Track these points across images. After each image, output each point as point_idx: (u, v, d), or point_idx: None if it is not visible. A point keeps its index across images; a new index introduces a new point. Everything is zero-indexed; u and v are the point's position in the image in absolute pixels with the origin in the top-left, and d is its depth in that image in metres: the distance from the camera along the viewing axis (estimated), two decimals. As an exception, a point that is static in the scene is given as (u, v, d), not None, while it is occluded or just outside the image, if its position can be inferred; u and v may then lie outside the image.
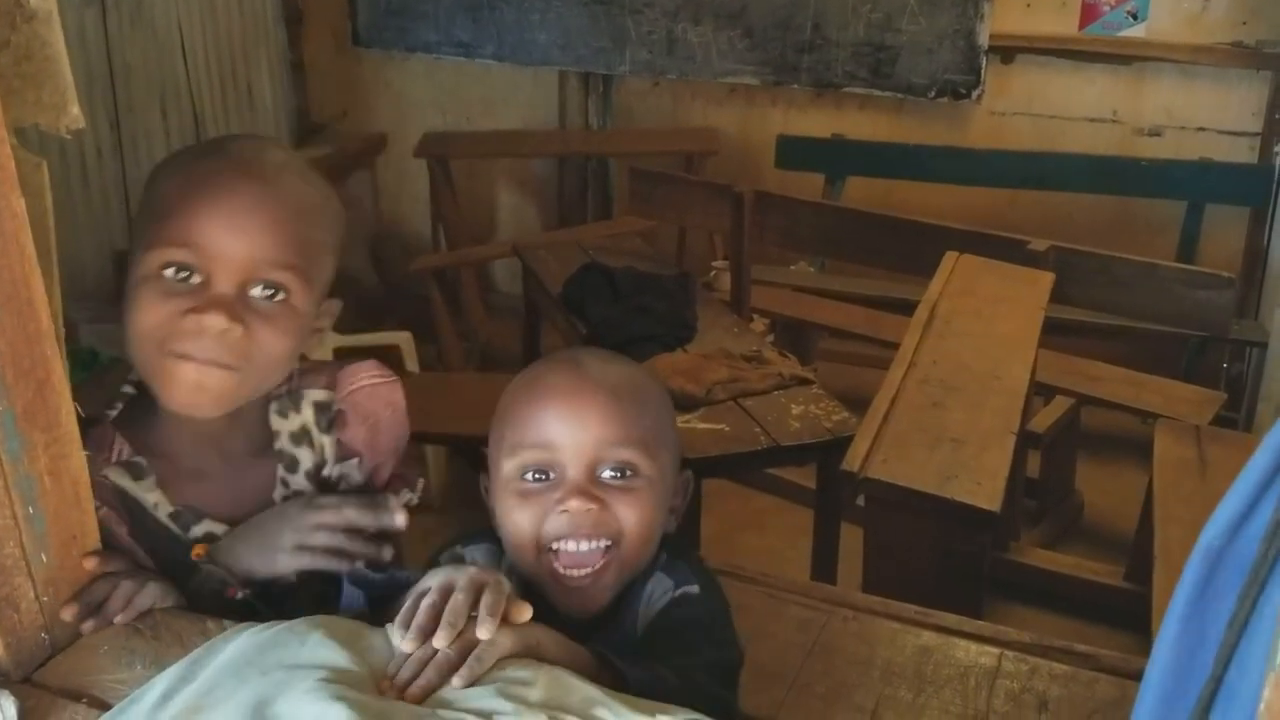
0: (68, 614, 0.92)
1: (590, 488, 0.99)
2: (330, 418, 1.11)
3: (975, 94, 3.86)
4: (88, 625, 0.92)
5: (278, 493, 1.09)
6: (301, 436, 1.10)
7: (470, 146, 4.51)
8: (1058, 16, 3.86)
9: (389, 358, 3.40)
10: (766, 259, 3.76)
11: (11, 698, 0.83)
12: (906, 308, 2.90)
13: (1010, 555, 2.88)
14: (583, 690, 0.79)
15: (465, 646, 0.82)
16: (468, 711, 0.74)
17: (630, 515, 0.99)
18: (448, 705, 0.76)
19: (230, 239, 0.98)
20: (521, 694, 0.77)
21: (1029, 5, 3.88)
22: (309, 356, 1.14)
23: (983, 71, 3.82)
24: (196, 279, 0.98)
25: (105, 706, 0.84)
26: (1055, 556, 2.96)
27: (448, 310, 4.05)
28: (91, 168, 3.58)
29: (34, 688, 0.87)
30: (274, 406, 1.10)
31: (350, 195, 4.62)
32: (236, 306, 0.99)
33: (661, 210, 3.69)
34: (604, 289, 3.01)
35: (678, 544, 1.10)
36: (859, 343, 3.66)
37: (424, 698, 0.78)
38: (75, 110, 0.89)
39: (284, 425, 1.10)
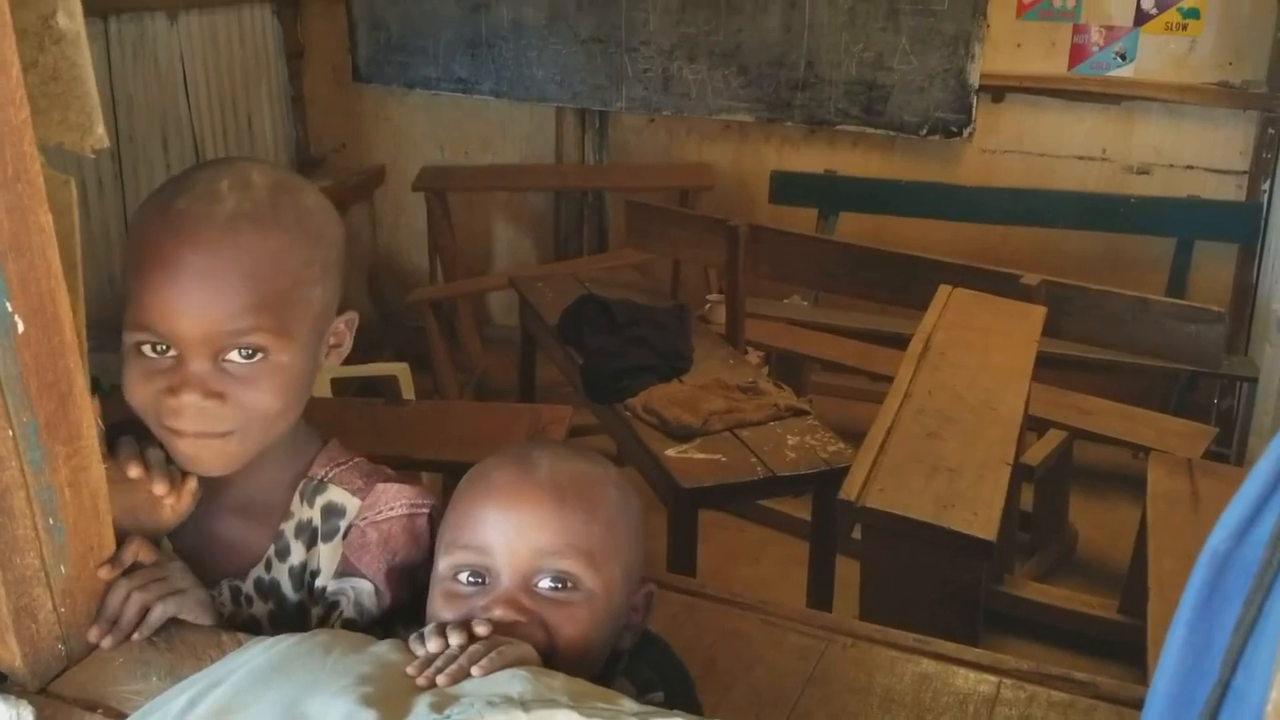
0: (93, 636, 0.92)
1: (520, 598, 0.91)
2: (337, 529, 1.04)
3: (966, 132, 3.92)
4: (106, 641, 0.92)
5: (258, 571, 1.05)
6: (303, 530, 1.05)
7: (468, 180, 4.55)
8: (1047, 57, 3.93)
9: (386, 387, 3.42)
10: (761, 292, 3.79)
11: (30, 707, 0.83)
12: (899, 341, 2.92)
13: (1005, 588, 2.89)
14: (599, 689, 0.80)
15: (490, 644, 0.84)
16: (494, 695, 0.75)
17: (564, 630, 0.91)
18: (472, 694, 0.77)
19: (184, 320, 0.94)
20: (546, 682, 0.78)
21: (1019, 45, 3.94)
22: (330, 367, 1.09)
23: (973, 110, 3.88)
24: (172, 352, 0.95)
25: (121, 717, 0.85)
26: (1049, 589, 2.97)
27: (444, 341, 4.06)
28: (92, 197, 3.61)
29: (50, 698, 0.88)
30: (301, 486, 1.06)
31: (348, 227, 4.63)
32: (211, 380, 0.95)
33: (657, 243, 3.72)
34: (600, 320, 3.03)
35: (645, 640, 1.03)
36: (852, 376, 3.68)
37: (454, 683, 0.79)
38: (100, 130, 0.90)
39: (299, 511, 1.05)
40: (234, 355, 0.96)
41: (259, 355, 0.96)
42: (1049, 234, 3.96)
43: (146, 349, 0.96)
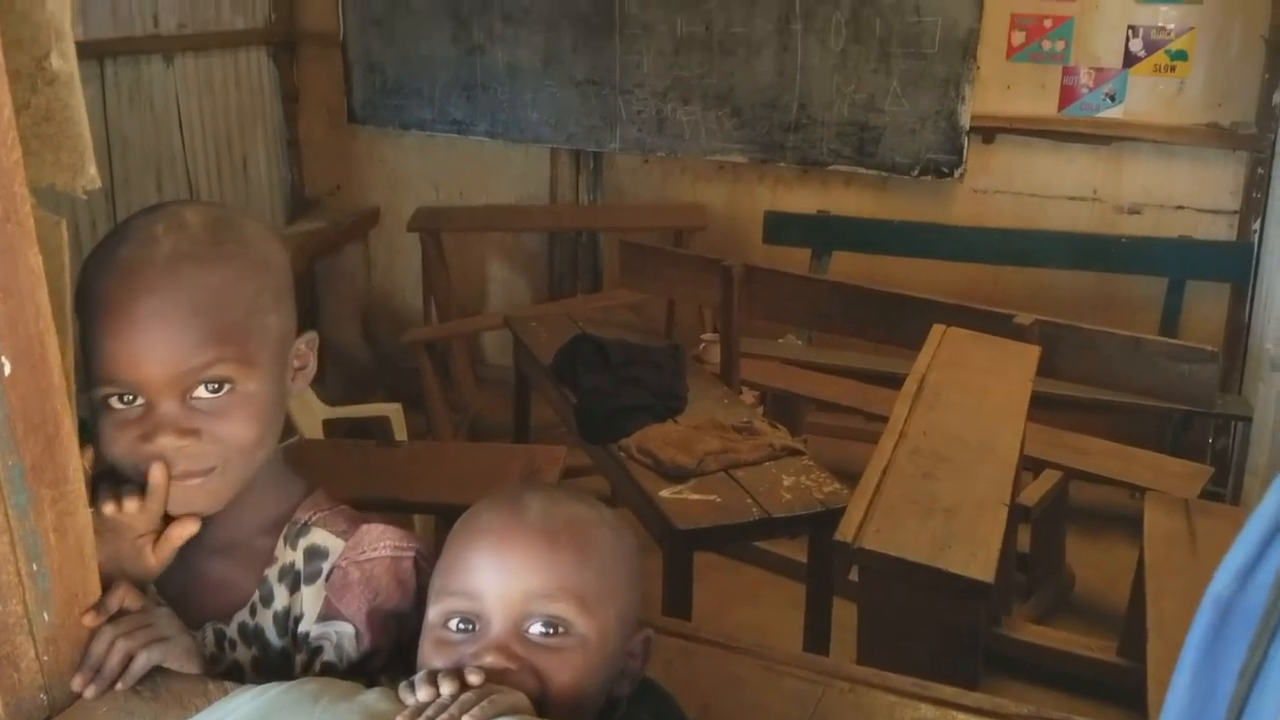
0: (77, 685, 0.90)
1: (511, 644, 0.88)
2: (320, 570, 1.03)
3: (958, 172, 3.94)
4: (89, 690, 0.90)
5: (242, 616, 1.03)
6: (286, 574, 1.03)
7: (463, 221, 4.56)
8: (1037, 98, 3.96)
9: (379, 428, 3.41)
10: (755, 332, 3.79)
11: (11, 757, 0.82)
12: (894, 380, 2.91)
13: (1002, 630, 2.86)
14: None
15: (482, 692, 0.83)
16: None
17: (557, 678, 0.88)
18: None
19: (145, 365, 0.94)
20: None
21: (1009, 87, 3.98)
22: (299, 392, 1.09)
23: (964, 151, 3.90)
24: (140, 400, 0.95)
25: (104, 767, 0.83)
26: (1047, 631, 2.95)
27: (438, 382, 4.05)
28: (85, 237, 3.60)
29: (32, 749, 0.86)
30: (285, 530, 1.05)
31: (343, 268, 4.66)
32: (182, 419, 0.95)
33: (651, 283, 3.73)
34: (595, 360, 3.03)
35: (643, 687, 1.00)
36: (847, 415, 3.68)
37: None
38: (92, 171, 0.90)
39: (282, 555, 1.04)
40: (201, 392, 0.96)
41: (226, 388, 0.97)
42: (1041, 273, 3.97)
43: (114, 401, 0.96)
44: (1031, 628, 2.94)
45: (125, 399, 0.96)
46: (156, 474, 0.96)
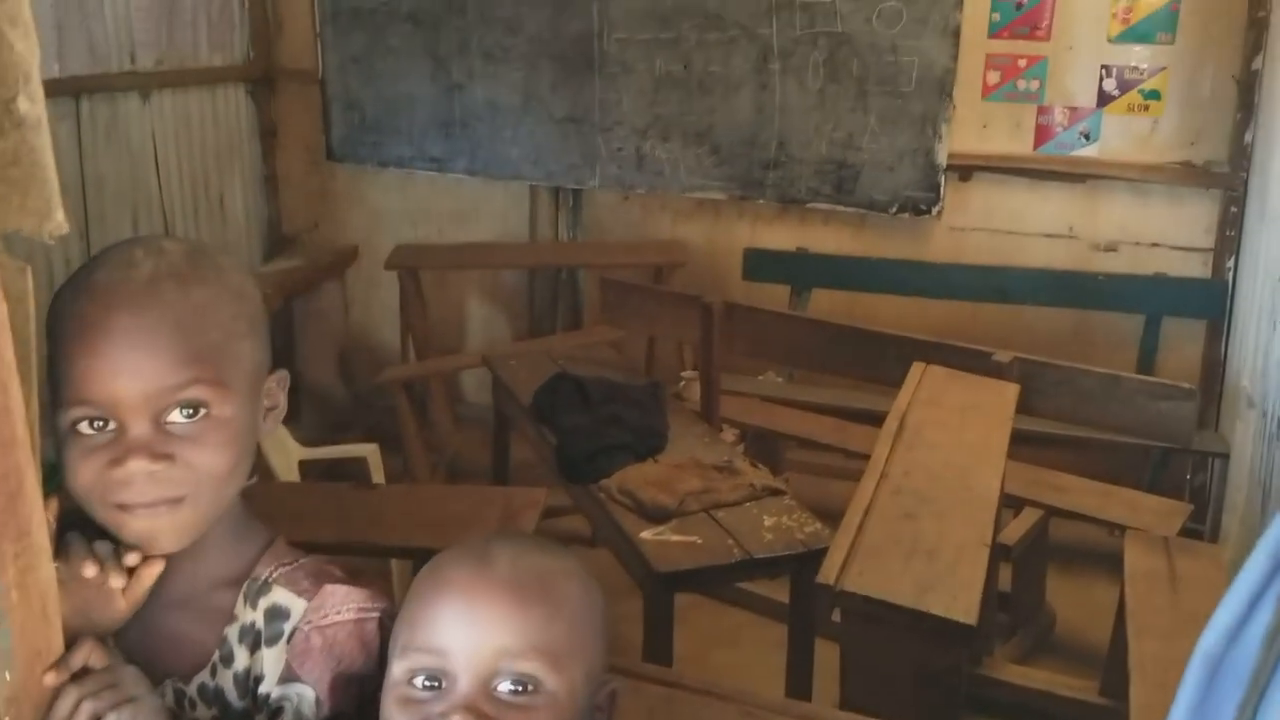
0: None
1: (481, 704, 0.86)
2: (281, 632, 0.99)
3: (935, 210, 3.96)
4: None
5: (203, 676, 1.00)
6: (247, 634, 1.00)
7: (441, 259, 4.55)
8: (1013, 136, 4.00)
9: (355, 470, 3.37)
10: (735, 369, 3.79)
11: (-34, 825, 0.79)
12: (874, 418, 2.91)
13: (984, 671, 2.85)
14: None
15: None
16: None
17: None
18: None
19: (121, 384, 0.92)
20: None
21: (985, 126, 4.01)
22: (269, 434, 1.06)
23: (942, 188, 3.93)
24: (111, 425, 0.93)
25: (65, 834, 0.80)
26: (1029, 672, 2.93)
27: (416, 421, 4.02)
28: (59, 277, 3.56)
29: (-11, 814, 0.83)
30: (245, 587, 1.02)
31: (320, 306, 4.63)
32: (156, 442, 0.93)
33: (631, 320, 3.72)
34: (575, 399, 3.01)
35: None
36: (827, 453, 3.67)
37: None
38: (60, 217, 0.88)
39: (243, 614, 1.01)
40: (175, 415, 0.94)
41: (201, 412, 0.95)
42: (1018, 310, 3.99)
43: (84, 426, 0.94)
44: (1013, 668, 2.93)
45: (96, 424, 0.93)
46: (103, 548, 0.94)
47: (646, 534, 2.38)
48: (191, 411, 0.95)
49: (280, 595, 1.01)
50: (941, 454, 2.37)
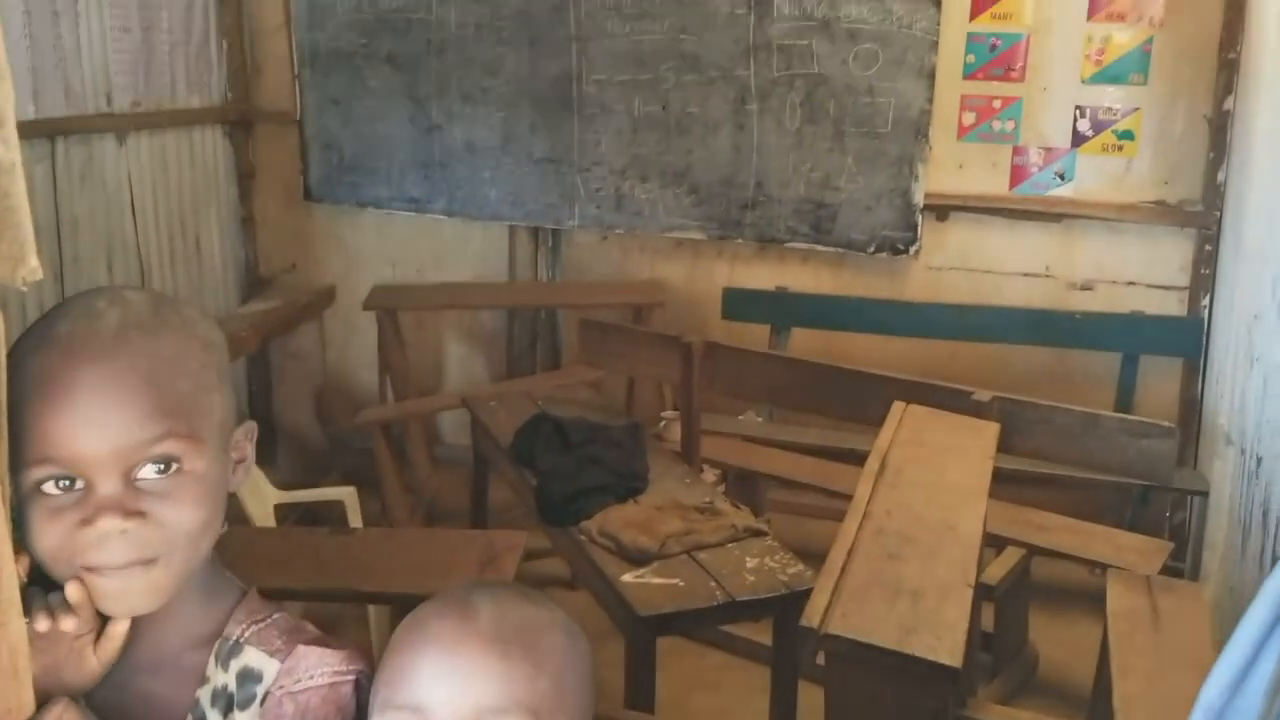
0: None
1: None
2: (253, 695, 0.97)
3: (913, 249, 3.99)
4: None
5: None
6: (219, 697, 0.97)
7: (420, 299, 4.54)
8: (989, 177, 4.03)
9: (332, 513, 3.34)
10: (715, 408, 3.78)
11: None
12: (855, 457, 2.91)
13: (968, 712, 2.82)
14: None
15: None
16: None
17: None
18: None
19: (89, 440, 0.88)
20: None
21: (961, 166, 4.05)
22: (237, 488, 1.03)
23: (919, 228, 3.96)
24: (79, 484, 0.89)
25: None
26: (1013, 713, 2.91)
27: (394, 463, 3.99)
28: (32, 319, 3.53)
29: None
30: (217, 647, 0.98)
31: (297, 348, 4.60)
32: (126, 500, 0.89)
33: (611, 360, 3.71)
34: (554, 440, 2.99)
35: None
36: (809, 492, 3.66)
37: None
38: (34, 262, 0.86)
39: (215, 676, 0.98)
40: (147, 471, 0.91)
41: (173, 467, 0.92)
42: (996, 349, 4.01)
43: (49, 486, 0.90)
44: (998, 709, 2.90)
45: (61, 483, 0.89)
46: (73, 593, 0.90)
47: (628, 577, 2.36)
48: (163, 467, 0.91)
49: (252, 656, 0.98)
50: (924, 493, 2.36)
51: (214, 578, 1.02)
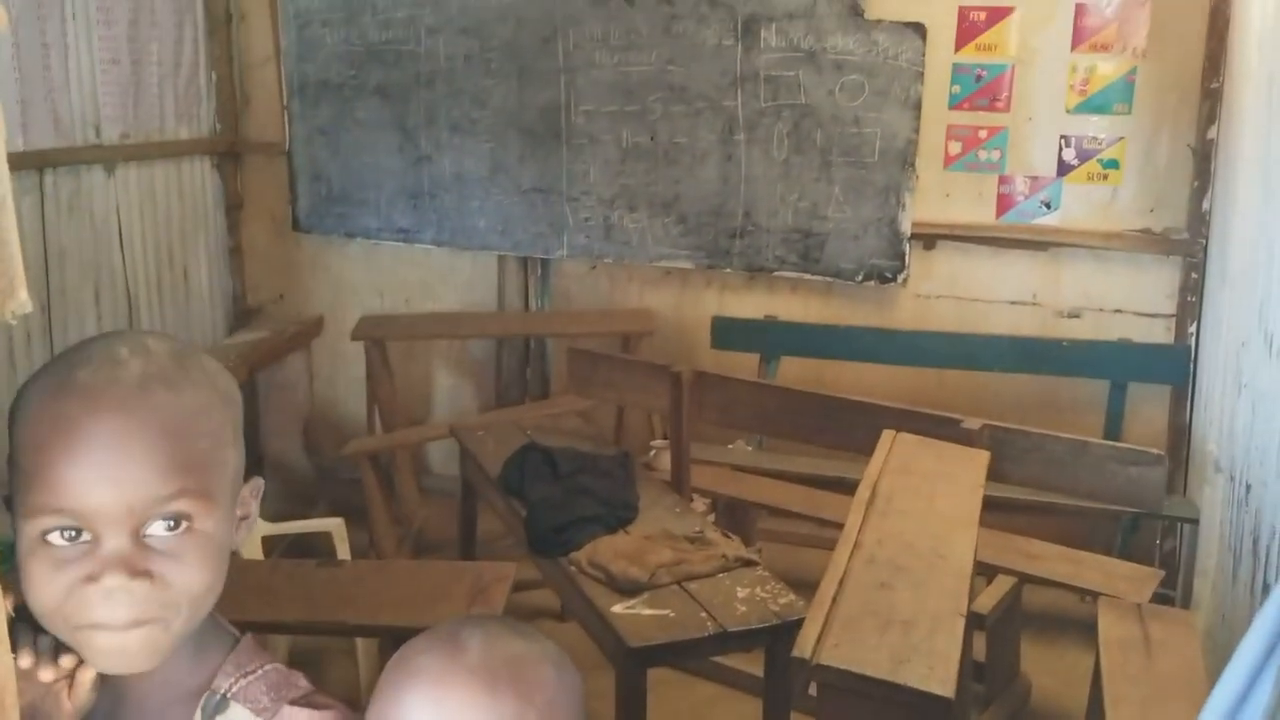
0: None
1: None
2: None
3: (900, 278, 4.00)
4: None
5: None
6: None
7: (408, 329, 4.53)
8: (975, 205, 4.05)
9: (320, 545, 3.31)
10: (705, 437, 3.77)
11: None
12: (845, 485, 2.90)
13: (962, 741, 2.81)
14: None
15: None
16: None
17: None
18: None
19: (102, 493, 0.85)
20: None
21: (948, 195, 4.07)
22: (239, 545, 1.00)
23: (906, 257, 3.97)
24: (86, 537, 0.86)
25: None
26: (1007, 742, 2.90)
27: (382, 494, 3.97)
28: (19, 350, 3.51)
29: None
30: (204, 700, 0.96)
31: (285, 378, 4.58)
32: (134, 558, 0.86)
33: (600, 390, 3.70)
34: (543, 470, 2.98)
35: None
36: (799, 521, 3.65)
37: None
38: (23, 295, 0.86)
39: None
40: (157, 528, 0.88)
41: (183, 525, 0.89)
42: (984, 377, 4.02)
43: (55, 537, 0.86)
44: (991, 739, 2.89)
45: (67, 534, 0.86)
46: (66, 660, 0.89)
47: (618, 608, 2.35)
48: (173, 524, 0.89)
49: (237, 714, 0.96)
50: (914, 522, 2.36)
51: (208, 629, 0.99)
